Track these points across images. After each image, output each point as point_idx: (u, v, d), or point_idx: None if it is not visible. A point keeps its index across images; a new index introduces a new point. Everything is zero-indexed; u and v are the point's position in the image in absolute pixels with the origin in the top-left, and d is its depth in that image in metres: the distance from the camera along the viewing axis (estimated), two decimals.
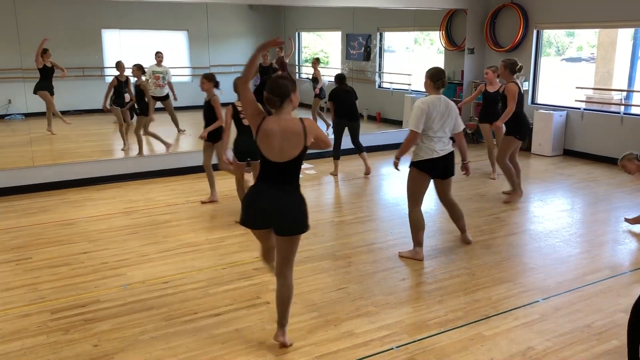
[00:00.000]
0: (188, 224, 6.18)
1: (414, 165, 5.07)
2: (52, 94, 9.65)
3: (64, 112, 11.27)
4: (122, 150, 9.19)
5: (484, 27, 10.70)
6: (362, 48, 13.01)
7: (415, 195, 5.13)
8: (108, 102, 9.20)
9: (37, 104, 9.12)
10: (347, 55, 13.43)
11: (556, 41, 12.43)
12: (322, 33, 15.22)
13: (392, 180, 8.01)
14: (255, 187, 3.54)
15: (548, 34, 10.74)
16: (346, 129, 8.28)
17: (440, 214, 6.52)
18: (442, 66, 11.66)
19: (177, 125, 10.78)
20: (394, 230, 5.94)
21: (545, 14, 9.86)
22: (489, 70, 7.97)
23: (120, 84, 9.05)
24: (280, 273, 3.66)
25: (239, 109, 5.82)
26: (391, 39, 13.07)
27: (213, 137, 6.60)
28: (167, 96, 10.53)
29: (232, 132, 6.08)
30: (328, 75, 14.41)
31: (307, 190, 7.61)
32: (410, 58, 13.21)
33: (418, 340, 3.77)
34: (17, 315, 4.14)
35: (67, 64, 10.95)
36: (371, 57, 12.78)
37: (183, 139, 10.68)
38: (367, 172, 8.36)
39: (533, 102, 10.36)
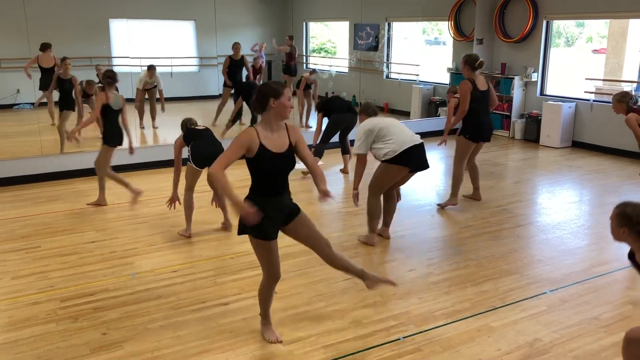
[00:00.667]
0: (196, 214, 6.17)
1: (391, 161, 5.02)
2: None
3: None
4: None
5: (493, 18, 10.62)
6: (370, 38, 12.95)
7: (379, 188, 5.20)
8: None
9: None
10: (354, 46, 13.38)
11: (566, 32, 12.32)
12: (329, 23, 15.16)
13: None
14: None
15: (558, 25, 10.65)
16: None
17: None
18: (450, 57, 11.66)
19: (153, 119, 10.64)
20: (401, 222, 5.93)
21: (555, 4, 9.77)
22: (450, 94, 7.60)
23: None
24: (327, 255, 3.65)
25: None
26: (399, 29, 13.00)
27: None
28: (154, 86, 10.42)
29: None
30: (335, 65, 14.41)
31: (310, 182, 7.60)
32: (418, 48, 13.15)
33: (425, 331, 3.78)
34: (27, 303, 4.18)
35: (75, 54, 10.96)
36: (379, 48, 12.73)
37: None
38: (346, 171, 8.01)
39: (542, 93, 10.30)
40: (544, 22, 9.97)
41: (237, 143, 3.28)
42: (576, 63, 13.03)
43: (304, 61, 14.94)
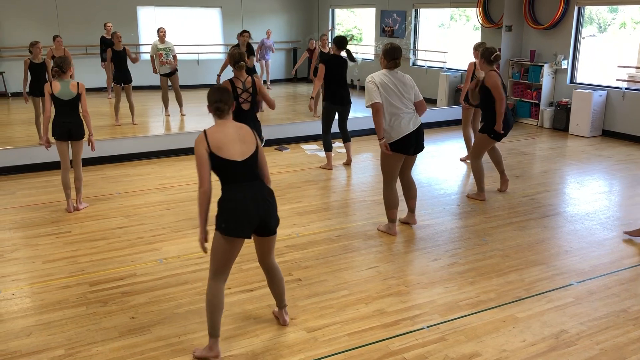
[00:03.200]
0: None
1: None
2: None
3: (100, 89, 11.46)
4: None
5: (523, 4, 10.41)
6: (396, 25, 12.82)
7: (391, 174, 5.16)
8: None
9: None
10: (381, 32, 13.27)
11: (598, 17, 12.02)
12: (355, 9, 15.05)
13: (426, 160, 7.94)
14: (231, 192, 3.25)
15: (590, 10, 10.40)
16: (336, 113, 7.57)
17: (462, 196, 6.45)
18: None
19: (180, 105, 10.60)
20: (425, 211, 5.91)
21: None
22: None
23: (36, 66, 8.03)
24: (270, 265, 3.58)
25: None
26: (426, 15, 12.84)
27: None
28: (173, 72, 10.36)
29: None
30: (361, 52, 14.31)
31: (335, 170, 7.61)
32: (445, 35, 12.98)
33: (449, 320, 3.77)
34: (58, 286, 4.28)
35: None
36: (406, 34, 12.60)
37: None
38: (348, 162, 7.77)
39: (572, 81, 10.09)
40: (576, 8, 9.74)
41: None
42: (609, 50, 12.74)
43: (329, 47, 14.86)
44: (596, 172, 7.52)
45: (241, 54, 5.39)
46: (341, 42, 7.28)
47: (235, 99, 5.17)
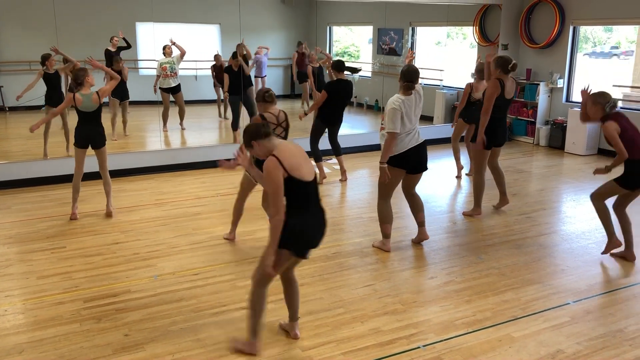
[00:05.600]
0: (218, 217, 6.25)
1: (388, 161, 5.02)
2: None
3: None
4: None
5: (519, 23, 10.51)
6: (393, 43, 12.92)
7: (386, 190, 5.18)
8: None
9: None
10: (378, 50, 13.36)
11: (593, 37, 12.14)
12: (353, 27, 15.16)
13: (422, 177, 7.94)
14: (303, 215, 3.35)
15: (585, 30, 10.50)
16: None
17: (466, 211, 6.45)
18: (474, 62, 11.57)
19: (182, 119, 10.63)
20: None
21: (582, 10, 9.64)
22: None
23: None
24: (291, 277, 3.70)
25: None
26: (423, 33, 12.95)
27: None
28: (177, 88, 10.42)
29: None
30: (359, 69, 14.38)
31: (331, 186, 7.62)
32: (442, 53, 13.07)
33: (445, 339, 3.75)
34: (51, 303, 4.25)
35: (102, 57, 11.15)
36: (403, 52, 12.69)
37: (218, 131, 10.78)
38: (344, 178, 7.76)
39: (568, 99, 10.16)
40: (571, 28, 9.84)
41: None
42: (604, 69, 12.84)
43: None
44: (592, 190, 7.52)
45: (268, 89, 5.19)
46: (340, 65, 7.35)
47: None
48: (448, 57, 12.91)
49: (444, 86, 11.98)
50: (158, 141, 10.19)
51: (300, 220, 3.31)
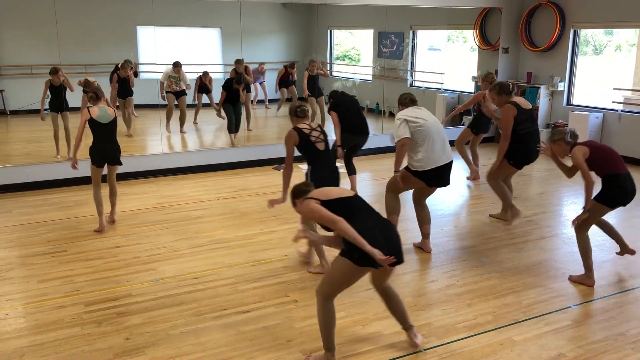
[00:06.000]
0: (219, 220, 6.25)
1: (412, 172, 5.07)
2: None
3: None
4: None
5: (519, 26, 10.52)
6: (394, 46, 12.94)
7: (397, 189, 5.23)
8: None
9: (74, 99, 9.32)
10: (378, 53, 13.37)
11: (593, 40, 12.14)
12: (354, 31, 15.18)
13: None
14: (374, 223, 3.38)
15: (585, 33, 10.52)
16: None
17: (470, 215, 6.45)
18: (475, 65, 11.55)
19: (182, 124, 10.75)
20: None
21: (582, 13, 9.65)
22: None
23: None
24: (385, 286, 3.66)
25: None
26: (424, 37, 12.96)
27: None
28: (182, 92, 10.63)
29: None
30: (359, 73, 14.41)
31: None
32: (443, 56, 13.09)
33: (446, 343, 3.75)
34: (52, 306, 4.25)
35: (102, 61, 11.18)
36: (403, 56, 12.70)
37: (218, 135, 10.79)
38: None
39: (569, 103, 10.16)
40: (571, 31, 9.85)
41: None
42: (605, 72, 12.84)
43: (329, 69, 14.97)
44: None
45: (300, 104, 4.95)
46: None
47: (308, 143, 4.72)
48: (449, 60, 12.93)
49: (444, 89, 11.99)
50: (159, 145, 10.20)
51: (358, 227, 3.26)
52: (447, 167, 5.08)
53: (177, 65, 10.51)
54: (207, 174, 8.37)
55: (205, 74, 11.22)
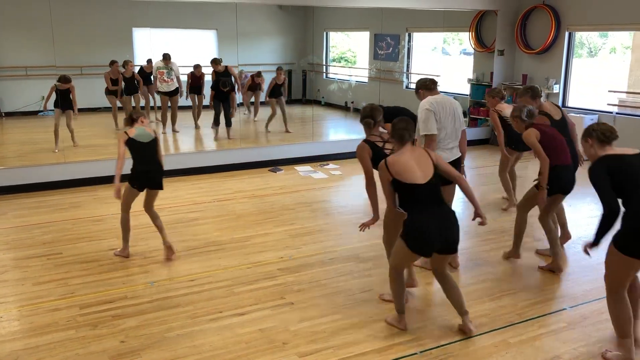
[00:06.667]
0: (214, 223, 6.24)
1: None
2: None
3: (94, 109, 11.56)
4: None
5: (515, 29, 10.55)
6: (390, 48, 12.96)
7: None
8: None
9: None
10: (374, 56, 13.40)
11: (588, 42, 12.19)
12: (350, 33, 15.21)
13: None
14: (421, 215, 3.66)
15: (580, 35, 10.56)
16: None
17: (467, 217, 6.45)
18: (471, 67, 11.57)
19: (174, 123, 10.85)
20: None
21: (577, 16, 9.69)
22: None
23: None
24: (442, 274, 3.92)
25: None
26: (420, 39, 12.99)
27: None
28: (174, 92, 10.68)
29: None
30: (355, 75, 14.43)
31: (328, 192, 7.62)
32: (438, 58, 13.12)
33: (442, 345, 3.75)
34: (47, 309, 4.23)
35: (98, 62, 11.17)
36: (399, 58, 12.73)
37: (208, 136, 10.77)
38: None
39: (564, 105, 10.19)
40: (566, 34, 9.88)
41: None
42: (600, 74, 12.89)
43: (324, 70, 14.99)
44: (588, 195, 7.54)
45: (371, 109, 4.40)
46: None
47: (379, 156, 4.14)
48: (445, 62, 12.96)
49: (440, 92, 12.00)
50: None
51: (415, 219, 3.64)
52: (454, 163, 4.72)
53: (166, 58, 10.55)
54: (203, 176, 8.36)
55: (197, 66, 11.18)
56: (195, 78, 11.15)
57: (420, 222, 3.63)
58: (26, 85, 11.39)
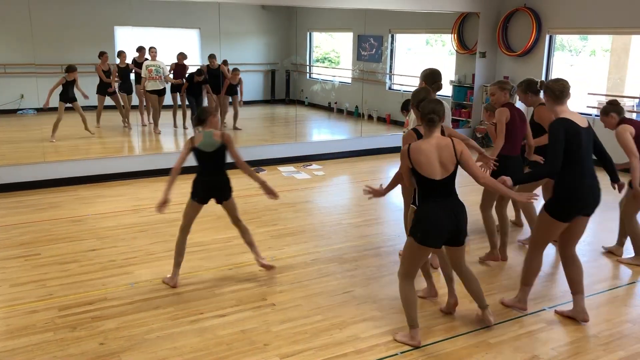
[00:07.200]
0: (196, 224, 6.15)
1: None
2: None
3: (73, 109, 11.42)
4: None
5: (496, 31, 10.65)
6: (373, 49, 13.00)
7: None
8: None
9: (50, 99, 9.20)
10: (358, 56, 13.42)
11: (569, 45, 12.34)
12: (333, 33, 15.22)
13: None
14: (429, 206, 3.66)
15: (561, 38, 10.69)
16: None
17: None
18: (453, 69, 11.65)
19: (156, 124, 10.82)
20: (400, 235, 5.92)
21: (558, 19, 9.81)
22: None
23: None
24: (463, 270, 3.96)
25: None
26: (402, 40, 13.05)
27: None
28: (163, 91, 10.67)
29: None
30: (339, 75, 14.45)
31: (311, 192, 7.63)
32: (421, 60, 13.18)
33: (423, 346, 3.77)
34: (25, 311, 4.18)
35: (79, 61, 11.02)
36: (382, 59, 12.77)
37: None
38: None
39: None
40: (547, 36, 10.00)
41: None
42: (580, 77, 13.05)
43: (308, 71, 14.99)
44: None
45: (426, 91, 4.31)
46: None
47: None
48: (427, 64, 13.01)
49: None
50: (136, 146, 10.12)
51: (425, 208, 3.66)
52: None
53: (152, 50, 10.59)
54: (185, 175, 8.24)
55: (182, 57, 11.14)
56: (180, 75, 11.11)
57: (429, 211, 3.63)
58: (4, 84, 11.20)
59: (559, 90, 3.92)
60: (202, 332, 3.90)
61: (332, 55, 15.49)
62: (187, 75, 10.80)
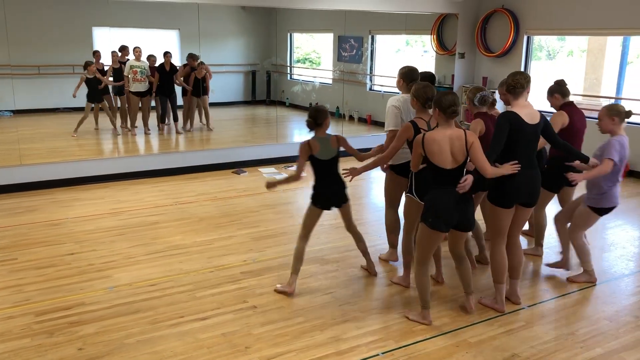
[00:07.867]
0: (176, 226, 6.16)
1: (392, 168, 4.95)
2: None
3: (53, 110, 11.24)
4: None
5: (475, 32, 10.74)
6: (353, 50, 13.03)
7: (392, 198, 5.12)
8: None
9: (25, 101, 9.08)
10: (338, 57, 13.44)
11: (547, 45, 12.49)
12: (314, 34, 15.22)
13: (381, 184, 8.01)
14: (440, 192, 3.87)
15: (539, 39, 10.82)
16: None
17: None
18: (432, 70, 11.72)
19: (145, 125, 10.75)
20: (381, 235, 5.94)
21: (535, 20, 9.92)
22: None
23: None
24: (459, 254, 4.17)
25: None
26: (383, 41, 13.10)
27: None
28: (147, 92, 10.54)
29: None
30: (319, 76, 14.45)
31: (292, 193, 7.61)
32: (401, 60, 13.24)
33: (404, 346, 3.78)
34: (1, 317, 4.10)
35: (57, 62, 10.90)
36: (362, 60, 12.80)
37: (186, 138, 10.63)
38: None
39: None
40: (525, 37, 10.12)
41: None
42: (557, 77, 13.21)
43: (288, 71, 14.96)
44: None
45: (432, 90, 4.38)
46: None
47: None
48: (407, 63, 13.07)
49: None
50: (115, 148, 10.02)
51: (435, 194, 3.87)
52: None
53: (136, 50, 10.41)
54: (165, 178, 8.25)
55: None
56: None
57: (438, 197, 3.84)
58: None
59: (511, 85, 4.09)
60: (183, 335, 3.87)
61: (313, 56, 15.49)
62: (157, 67, 10.63)
